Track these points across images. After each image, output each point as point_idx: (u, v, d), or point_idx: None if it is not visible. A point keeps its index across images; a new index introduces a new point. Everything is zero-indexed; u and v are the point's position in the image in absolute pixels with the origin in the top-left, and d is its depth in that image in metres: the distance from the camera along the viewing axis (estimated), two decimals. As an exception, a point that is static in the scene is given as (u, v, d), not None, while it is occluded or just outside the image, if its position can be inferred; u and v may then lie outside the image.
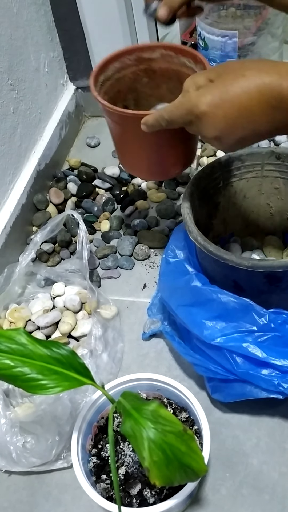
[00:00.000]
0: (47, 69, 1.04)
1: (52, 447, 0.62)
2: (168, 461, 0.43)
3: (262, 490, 0.61)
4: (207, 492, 0.61)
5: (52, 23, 1.04)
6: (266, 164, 0.72)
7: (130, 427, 0.43)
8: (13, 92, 0.90)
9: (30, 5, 0.95)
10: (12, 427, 0.62)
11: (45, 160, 1.01)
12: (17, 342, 0.48)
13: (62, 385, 0.47)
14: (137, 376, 0.62)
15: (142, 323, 0.78)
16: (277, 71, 0.48)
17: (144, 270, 0.87)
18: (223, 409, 0.68)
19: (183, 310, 0.64)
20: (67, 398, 0.63)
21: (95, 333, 0.72)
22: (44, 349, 0.49)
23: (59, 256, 0.90)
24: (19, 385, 0.47)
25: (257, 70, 0.48)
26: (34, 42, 0.97)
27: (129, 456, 0.56)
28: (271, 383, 0.58)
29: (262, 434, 0.65)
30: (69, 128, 1.12)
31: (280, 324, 0.59)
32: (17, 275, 0.82)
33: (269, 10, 0.98)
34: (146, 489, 0.55)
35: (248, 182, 0.74)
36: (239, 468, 0.63)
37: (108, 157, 1.09)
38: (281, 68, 0.48)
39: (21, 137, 0.93)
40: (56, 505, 0.63)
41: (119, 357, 0.74)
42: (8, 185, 0.90)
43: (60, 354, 0.49)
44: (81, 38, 1.06)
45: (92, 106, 1.19)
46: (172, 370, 0.73)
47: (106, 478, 0.57)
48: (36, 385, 0.47)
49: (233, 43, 0.98)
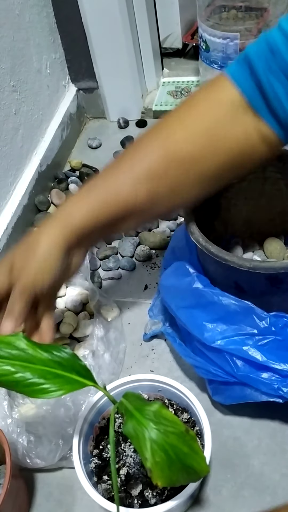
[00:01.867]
0: (49, 70, 1.04)
1: (56, 450, 0.62)
2: (171, 461, 0.43)
3: (263, 491, 0.61)
4: (208, 493, 0.61)
5: (54, 25, 1.04)
6: (268, 165, 0.72)
7: (132, 427, 0.44)
8: (15, 94, 0.90)
9: (32, 7, 0.95)
10: (18, 427, 0.62)
11: (47, 161, 1.01)
12: (17, 348, 0.48)
13: (64, 388, 0.47)
14: (139, 377, 0.62)
15: (143, 324, 0.78)
16: None
17: (146, 271, 0.87)
18: (224, 410, 0.68)
19: (184, 312, 0.64)
20: (69, 400, 0.63)
21: (97, 333, 0.72)
22: (45, 353, 0.49)
23: (61, 257, 0.90)
24: (21, 390, 0.47)
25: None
26: (36, 44, 0.97)
27: (130, 457, 0.56)
28: (271, 387, 0.58)
29: (264, 436, 0.65)
30: (71, 130, 1.12)
31: (281, 327, 0.59)
32: (18, 276, 0.82)
33: (270, 12, 0.99)
34: (148, 490, 0.55)
35: (250, 184, 0.74)
36: (240, 469, 0.63)
37: (109, 158, 1.09)
38: None
39: (22, 138, 0.94)
40: (57, 506, 0.63)
41: (121, 357, 0.74)
42: (9, 186, 0.90)
43: (61, 357, 0.49)
44: (83, 40, 1.06)
45: (93, 108, 1.19)
46: (173, 371, 0.73)
47: (108, 479, 0.57)
48: (38, 389, 0.47)
49: (235, 45, 0.99)
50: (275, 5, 0.98)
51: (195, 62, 1.20)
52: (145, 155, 0.54)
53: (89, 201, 0.54)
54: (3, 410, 0.63)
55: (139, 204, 0.54)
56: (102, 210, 0.54)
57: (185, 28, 1.26)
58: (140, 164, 0.54)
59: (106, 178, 0.55)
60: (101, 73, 1.11)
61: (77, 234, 0.54)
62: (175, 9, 1.20)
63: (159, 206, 0.56)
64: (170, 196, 0.55)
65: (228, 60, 1.02)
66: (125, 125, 1.17)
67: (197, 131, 0.53)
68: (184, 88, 1.20)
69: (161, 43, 1.24)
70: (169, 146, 0.53)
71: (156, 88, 1.22)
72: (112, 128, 1.18)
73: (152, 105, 1.17)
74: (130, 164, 0.55)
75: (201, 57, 1.08)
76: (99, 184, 0.55)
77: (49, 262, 0.53)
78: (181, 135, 0.53)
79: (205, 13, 1.01)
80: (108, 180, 0.55)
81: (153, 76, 1.19)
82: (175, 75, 1.24)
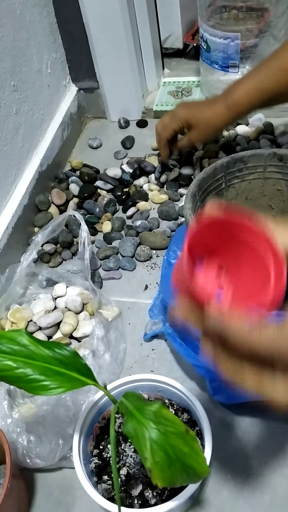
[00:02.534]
0: (50, 70, 1.04)
1: (56, 450, 0.62)
2: (170, 462, 0.43)
3: (263, 491, 0.61)
4: (208, 494, 0.61)
5: (55, 25, 1.04)
6: (269, 165, 0.72)
7: (132, 427, 0.43)
8: (16, 93, 0.90)
9: (33, 7, 0.95)
10: (18, 427, 0.62)
11: (47, 161, 1.01)
12: (19, 343, 0.48)
13: (64, 386, 0.47)
14: (139, 377, 0.62)
15: (144, 324, 0.78)
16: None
17: (146, 271, 0.87)
18: (225, 410, 0.68)
19: (185, 311, 0.64)
20: (69, 400, 0.63)
21: (97, 333, 0.72)
22: (46, 350, 0.49)
23: (61, 257, 0.90)
24: (22, 386, 0.47)
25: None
26: (37, 44, 0.97)
27: (130, 457, 0.56)
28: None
29: (264, 436, 0.65)
30: (71, 129, 1.12)
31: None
32: (18, 276, 0.82)
33: (271, 13, 0.99)
34: (148, 490, 0.55)
35: (250, 184, 0.74)
36: (241, 469, 0.63)
37: (110, 158, 1.09)
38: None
39: (23, 138, 0.94)
40: (57, 506, 0.63)
41: (121, 357, 0.74)
42: (10, 185, 0.90)
43: (62, 355, 0.49)
44: (83, 39, 1.06)
45: (94, 107, 1.19)
46: (174, 371, 0.73)
47: (108, 479, 0.57)
48: (39, 386, 0.47)
49: (236, 45, 0.99)
50: (276, 5, 0.98)
51: (196, 62, 1.20)
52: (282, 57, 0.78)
53: (245, 87, 0.80)
54: (3, 410, 0.63)
55: (282, 90, 0.78)
56: (249, 89, 0.80)
57: (186, 28, 1.26)
58: (278, 64, 0.77)
59: (259, 70, 0.80)
60: (102, 73, 1.11)
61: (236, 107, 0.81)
62: (176, 9, 1.20)
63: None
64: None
65: (229, 60, 1.02)
66: (125, 125, 1.17)
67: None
68: (185, 88, 1.19)
69: (162, 43, 1.24)
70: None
71: (157, 88, 1.22)
72: (112, 128, 1.18)
73: (152, 105, 1.17)
74: (274, 62, 0.79)
75: (202, 57, 1.08)
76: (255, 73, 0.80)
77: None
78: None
79: (206, 13, 1.01)
80: (259, 73, 0.80)
81: (154, 76, 1.19)
82: (175, 75, 1.24)
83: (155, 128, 0.94)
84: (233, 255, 0.38)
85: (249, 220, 0.35)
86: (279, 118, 1.05)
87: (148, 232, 0.91)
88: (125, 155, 1.09)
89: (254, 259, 0.36)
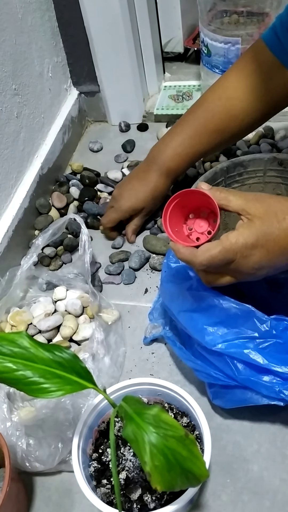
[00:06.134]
0: (51, 74, 1.04)
1: (56, 454, 0.62)
2: (170, 466, 0.43)
3: (262, 496, 0.61)
4: (207, 498, 0.61)
5: (56, 29, 1.05)
6: (268, 170, 0.72)
7: (131, 431, 0.43)
8: (17, 97, 0.90)
9: (35, 11, 0.95)
10: (17, 430, 0.62)
11: (48, 164, 1.01)
12: (20, 346, 0.48)
13: (64, 389, 0.47)
14: (139, 380, 0.62)
15: (144, 328, 0.78)
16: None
17: (146, 274, 0.87)
18: (224, 414, 0.68)
19: (185, 316, 0.64)
20: (69, 404, 0.63)
21: (97, 337, 0.72)
22: (47, 353, 0.49)
23: (61, 260, 0.90)
24: (21, 388, 0.47)
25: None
26: (38, 47, 0.98)
27: (129, 461, 0.56)
28: (272, 390, 0.58)
29: (263, 440, 0.65)
30: (72, 133, 1.13)
31: (282, 330, 0.59)
32: (19, 279, 0.82)
33: (271, 17, 0.99)
34: (147, 494, 0.55)
35: (250, 188, 0.75)
36: (240, 474, 0.63)
37: (110, 161, 1.09)
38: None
39: (24, 141, 0.94)
40: (56, 510, 0.63)
41: (121, 361, 0.74)
42: (11, 189, 0.90)
43: (62, 358, 0.49)
44: (84, 43, 1.07)
45: (94, 111, 1.20)
46: (173, 375, 0.73)
47: (107, 482, 0.57)
48: (38, 388, 0.47)
49: (236, 50, 0.99)
50: (277, 10, 0.98)
51: (197, 66, 1.20)
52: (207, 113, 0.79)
53: (176, 152, 0.82)
54: (3, 413, 0.63)
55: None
56: (182, 156, 0.82)
57: (187, 33, 1.26)
58: (203, 122, 0.79)
59: (181, 130, 0.81)
60: (103, 76, 1.12)
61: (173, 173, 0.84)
62: (177, 13, 1.20)
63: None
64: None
65: (230, 64, 1.02)
66: (126, 128, 1.17)
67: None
68: (186, 92, 1.20)
69: (163, 47, 1.24)
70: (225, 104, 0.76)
71: (158, 92, 1.22)
72: (113, 132, 1.18)
73: (153, 109, 1.17)
74: (195, 120, 0.80)
75: (203, 61, 1.08)
76: (179, 132, 0.82)
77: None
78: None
79: (207, 17, 1.01)
80: (189, 135, 0.80)
81: (155, 80, 1.20)
82: (176, 79, 1.25)
83: (101, 222, 0.93)
84: (197, 209, 0.59)
85: (203, 191, 0.55)
86: (279, 123, 1.05)
87: (152, 235, 0.91)
88: (125, 159, 1.09)
89: (207, 210, 0.58)
